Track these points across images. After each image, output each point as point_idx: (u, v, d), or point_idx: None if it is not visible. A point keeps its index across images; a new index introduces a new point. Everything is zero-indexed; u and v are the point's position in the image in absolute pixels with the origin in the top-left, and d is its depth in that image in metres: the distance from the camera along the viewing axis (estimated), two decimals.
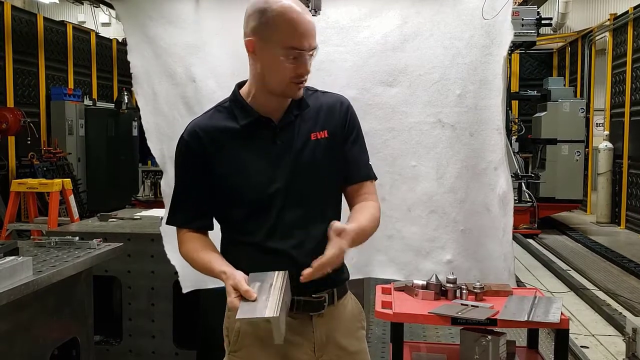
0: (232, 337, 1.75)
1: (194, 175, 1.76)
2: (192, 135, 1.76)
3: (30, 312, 2.51)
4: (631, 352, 3.34)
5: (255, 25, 1.68)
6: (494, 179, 3.03)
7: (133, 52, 3.15)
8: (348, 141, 1.84)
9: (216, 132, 1.75)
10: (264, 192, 1.71)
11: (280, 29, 1.64)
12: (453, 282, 2.66)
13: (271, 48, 1.66)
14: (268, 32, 1.66)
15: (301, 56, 1.66)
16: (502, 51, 2.96)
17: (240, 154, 1.73)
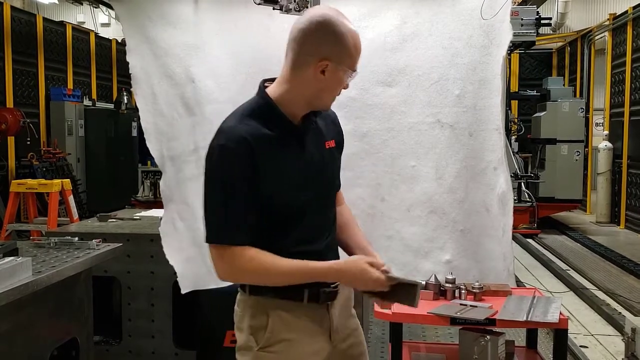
0: (262, 334, 1.78)
1: (246, 184, 1.69)
2: (241, 141, 1.69)
3: (29, 313, 2.51)
4: (630, 352, 3.35)
5: (331, 49, 1.72)
6: (494, 178, 3.03)
7: (132, 53, 3.15)
8: (340, 151, 1.98)
9: (259, 138, 1.72)
10: (299, 200, 1.77)
11: (351, 53, 1.74)
12: (452, 282, 2.66)
13: (341, 71, 1.74)
14: (343, 57, 1.73)
15: (352, 77, 1.78)
16: (501, 51, 2.97)
17: (277, 161, 1.74)
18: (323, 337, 1.84)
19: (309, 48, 1.72)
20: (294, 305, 1.78)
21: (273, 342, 1.78)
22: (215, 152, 1.71)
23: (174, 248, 3.14)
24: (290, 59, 1.76)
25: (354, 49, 1.74)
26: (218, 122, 3.13)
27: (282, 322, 1.78)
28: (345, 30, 1.73)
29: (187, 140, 3.15)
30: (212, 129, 3.10)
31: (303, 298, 1.77)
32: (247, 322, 1.81)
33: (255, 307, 1.79)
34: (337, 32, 1.72)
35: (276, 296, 1.76)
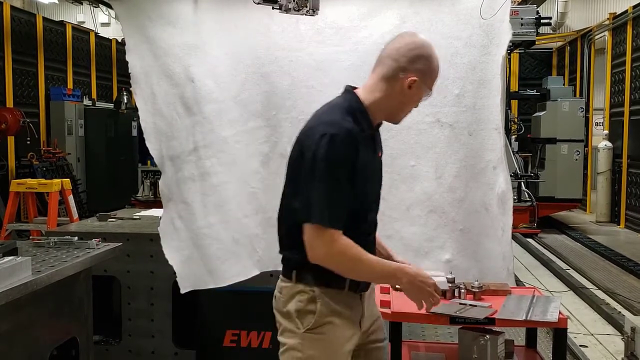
0: (310, 318, 1.95)
1: (348, 176, 1.87)
2: (349, 133, 1.87)
3: (29, 312, 2.51)
4: (630, 351, 3.35)
5: (422, 68, 1.99)
6: (493, 178, 3.04)
7: (132, 53, 3.16)
8: None
9: (359, 134, 1.92)
10: (372, 196, 2.05)
11: (434, 74, 2.03)
12: (451, 281, 2.66)
13: (425, 88, 2.01)
14: (429, 76, 2.01)
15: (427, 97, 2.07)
16: (501, 51, 2.97)
17: (366, 158, 1.95)
18: (356, 323, 2.03)
19: (403, 66, 1.97)
20: (336, 292, 1.96)
21: (318, 324, 1.95)
22: (327, 139, 1.85)
23: (173, 248, 3.14)
24: (383, 72, 2.00)
25: (437, 72, 2.04)
26: (218, 121, 3.18)
27: (327, 308, 1.96)
28: (435, 56, 2.02)
29: (187, 140, 3.15)
30: (212, 129, 3.17)
31: (344, 287, 1.97)
32: (293, 306, 1.97)
33: (302, 293, 1.96)
34: (429, 55, 2.00)
35: (322, 284, 1.95)
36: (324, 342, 1.95)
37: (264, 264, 3.23)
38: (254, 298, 3.44)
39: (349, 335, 2.00)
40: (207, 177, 3.13)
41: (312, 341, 1.95)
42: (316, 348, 1.95)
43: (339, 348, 1.97)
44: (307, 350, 1.95)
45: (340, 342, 1.97)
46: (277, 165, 3.20)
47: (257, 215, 3.20)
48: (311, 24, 3.12)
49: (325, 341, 1.95)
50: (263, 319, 3.43)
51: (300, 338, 1.96)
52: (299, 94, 3.16)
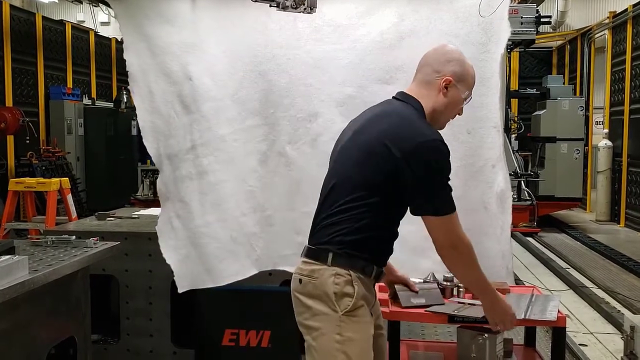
0: (349, 301, 2.03)
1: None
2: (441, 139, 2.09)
3: (26, 311, 2.50)
4: (629, 350, 3.33)
5: (457, 71, 2.18)
6: (492, 176, 3.02)
7: (129, 51, 3.15)
8: None
9: None
10: None
11: (471, 78, 2.23)
12: (450, 280, 2.65)
13: (463, 90, 2.20)
14: (463, 78, 2.19)
15: (467, 101, 2.25)
16: (499, 49, 2.96)
17: None
18: (370, 309, 2.13)
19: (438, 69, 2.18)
20: (364, 278, 2.08)
21: (355, 307, 2.03)
22: (438, 144, 2.05)
23: (171, 247, 3.13)
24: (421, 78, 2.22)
25: (472, 76, 2.23)
26: (215, 120, 3.17)
27: (362, 292, 2.06)
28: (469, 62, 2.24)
29: (184, 138, 3.14)
30: (210, 127, 3.16)
31: (372, 275, 2.10)
32: (331, 288, 2.03)
33: (339, 276, 2.04)
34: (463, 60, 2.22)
35: (356, 268, 2.05)
36: (361, 325, 2.04)
37: (262, 263, 3.22)
38: (253, 297, 3.44)
39: (371, 320, 2.11)
40: (205, 176, 3.12)
41: (350, 323, 2.02)
42: (354, 330, 2.02)
43: (370, 331, 2.08)
44: (346, 332, 2.01)
45: (370, 325, 2.09)
46: (275, 163, 3.19)
47: (255, 214, 3.19)
48: (309, 22, 3.11)
49: (361, 323, 2.04)
50: (262, 318, 3.45)
51: (339, 321, 2.01)
52: (297, 92, 3.15)
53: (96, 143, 11.44)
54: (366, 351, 2.05)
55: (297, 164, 3.15)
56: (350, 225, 2.05)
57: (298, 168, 3.14)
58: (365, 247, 2.07)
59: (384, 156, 2.03)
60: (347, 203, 2.06)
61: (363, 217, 2.05)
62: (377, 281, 2.19)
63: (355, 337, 2.02)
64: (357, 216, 2.05)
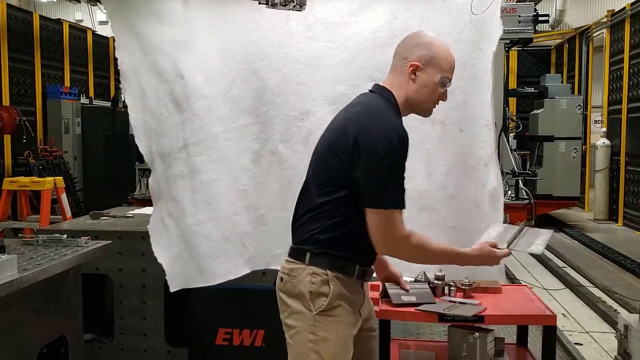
0: (323, 300, 2.00)
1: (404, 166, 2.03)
2: (406, 136, 2.04)
3: (16, 310, 2.49)
4: (623, 349, 3.32)
5: (424, 54, 2.10)
6: (484, 175, 3.02)
7: (121, 49, 3.13)
8: None
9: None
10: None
11: (442, 60, 2.11)
12: (441, 279, 2.65)
13: (434, 73, 2.10)
14: (433, 61, 2.10)
15: (447, 84, 2.14)
16: (492, 47, 2.95)
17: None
18: (357, 310, 2.10)
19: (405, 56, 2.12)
20: (345, 278, 2.04)
21: (331, 307, 2.01)
22: (391, 135, 1.98)
23: (163, 246, 3.12)
24: (393, 66, 2.17)
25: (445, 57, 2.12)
26: (207, 118, 3.16)
27: (339, 291, 2.02)
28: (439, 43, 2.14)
29: (176, 137, 3.13)
30: (202, 125, 3.14)
31: (354, 274, 2.05)
32: (306, 288, 2.01)
33: (315, 275, 2.02)
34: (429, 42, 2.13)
35: (334, 268, 2.02)
36: (336, 325, 2.01)
37: (254, 262, 3.22)
38: (247, 296, 3.43)
39: (354, 321, 2.07)
40: (197, 175, 3.11)
41: (325, 323, 2.00)
42: (328, 330, 2.00)
43: (347, 331, 2.04)
44: (319, 332, 2.00)
45: (348, 325, 2.04)
46: (267, 162, 3.18)
47: (248, 213, 3.18)
48: (301, 20, 3.10)
49: (337, 323, 2.01)
50: (255, 317, 3.44)
51: (313, 320, 2.00)
52: (289, 91, 3.14)
53: (94, 142, 11.42)
54: (341, 352, 2.02)
55: (290, 163, 3.14)
56: (323, 223, 2.03)
57: (291, 166, 3.13)
58: (343, 245, 2.03)
59: (343, 146, 2.00)
60: (318, 199, 2.04)
61: (335, 213, 2.01)
62: (363, 281, 2.13)
63: (330, 337, 2.00)
64: (330, 213, 2.02)
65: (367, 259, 2.13)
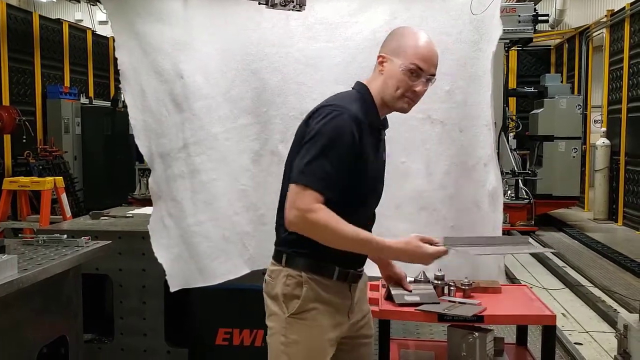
0: (295, 302, 1.97)
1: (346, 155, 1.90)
2: (357, 124, 1.92)
3: (16, 311, 2.49)
4: (622, 349, 3.33)
5: (392, 44, 2.03)
6: (484, 175, 3.02)
7: (121, 49, 3.14)
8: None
9: (365, 125, 1.96)
10: (371, 190, 2.06)
11: (410, 48, 1.99)
12: (441, 278, 2.65)
13: (399, 63, 1.97)
14: (399, 50, 2.00)
15: (419, 76, 1.99)
16: (491, 47, 2.95)
17: (371, 150, 2.00)
18: (344, 313, 2.04)
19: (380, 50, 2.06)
20: (324, 280, 1.98)
21: (303, 310, 1.97)
22: (331, 114, 1.92)
23: (163, 246, 3.13)
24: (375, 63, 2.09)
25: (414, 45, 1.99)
26: (207, 118, 3.16)
27: (313, 293, 1.97)
28: (410, 30, 2.05)
29: (176, 137, 3.13)
30: (202, 125, 3.15)
31: (333, 276, 1.99)
32: (280, 290, 1.99)
33: (290, 278, 1.98)
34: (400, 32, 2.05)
35: (310, 270, 1.97)
36: (307, 328, 1.97)
37: (255, 262, 3.22)
38: (247, 296, 3.43)
39: (334, 323, 2.00)
40: (197, 175, 3.11)
41: (295, 326, 1.97)
42: (299, 333, 1.97)
43: (321, 335, 1.98)
44: (290, 334, 1.97)
45: (323, 329, 1.98)
46: (267, 162, 3.19)
47: (248, 213, 3.18)
48: (301, 20, 3.10)
49: (308, 327, 1.97)
50: (255, 317, 3.42)
51: (285, 322, 1.98)
52: (289, 91, 3.14)
53: (93, 142, 11.43)
54: (313, 356, 1.98)
55: None
56: None
57: None
58: (312, 245, 1.91)
59: (302, 134, 1.96)
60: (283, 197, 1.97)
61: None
62: (350, 283, 2.04)
63: (300, 340, 1.97)
64: None
65: (347, 259, 2.00)
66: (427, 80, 2.00)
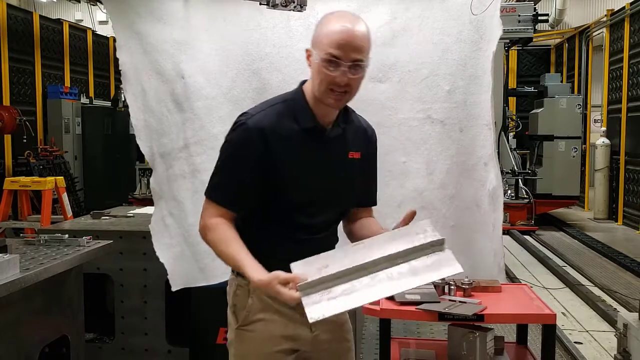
0: (243, 313, 1.88)
1: (248, 165, 1.80)
2: (259, 131, 1.79)
3: (18, 310, 2.50)
4: (622, 348, 3.34)
5: (312, 37, 1.84)
6: (484, 174, 3.03)
7: (122, 49, 3.14)
8: (370, 168, 2.05)
9: (281, 131, 1.81)
10: (308, 196, 1.87)
11: (323, 37, 1.77)
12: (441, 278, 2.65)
13: (317, 54, 1.78)
14: (316, 40, 1.81)
15: (338, 66, 1.75)
16: (492, 46, 2.96)
17: (296, 156, 1.83)
18: (301, 325, 1.87)
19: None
20: None
21: (250, 321, 1.87)
22: (237, 127, 1.84)
23: (165, 245, 3.13)
24: None
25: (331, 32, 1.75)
26: (208, 118, 3.17)
27: (261, 303, 1.86)
28: (328, 17, 1.80)
29: (177, 136, 3.14)
30: (203, 125, 3.16)
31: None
32: (231, 300, 1.92)
33: (239, 287, 1.90)
34: (320, 20, 1.83)
35: None
36: (254, 340, 1.86)
37: None
38: None
39: (286, 335, 1.87)
40: (198, 174, 3.11)
41: (245, 338, 1.88)
42: (248, 345, 1.88)
43: (271, 347, 1.86)
44: (239, 346, 1.89)
45: (272, 340, 1.86)
46: None
47: None
48: (302, 20, 3.11)
49: (255, 339, 1.86)
50: None
51: (235, 334, 1.91)
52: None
53: (94, 142, 11.44)
54: None
55: None
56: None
57: None
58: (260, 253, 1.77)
59: None
60: None
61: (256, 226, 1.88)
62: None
63: (248, 353, 1.87)
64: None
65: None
66: (350, 67, 1.75)
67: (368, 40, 1.81)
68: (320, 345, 1.93)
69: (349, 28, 1.76)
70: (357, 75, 1.79)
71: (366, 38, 1.80)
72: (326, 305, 1.59)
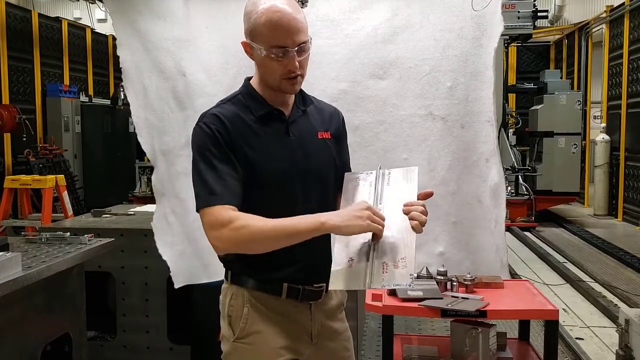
0: (238, 325, 1.79)
1: (227, 156, 1.73)
2: (217, 120, 1.75)
3: (20, 308, 2.50)
4: (624, 343, 3.34)
5: (246, 28, 1.76)
6: (486, 170, 3.02)
7: (123, 47, 3.14)
8: (343, 146, 2.00)
9: (237, 120, 1.77)
10: (283, 182, 1.78)
11: (262, 29, 1.71)
12: (444, 274, 2.66)
13: (259, 49, 1.73)
14: (255, 34, 1.73)
15: (287, 53, 1.71)
16: (493, 43, 2.95)
17: (260, 142, 1.77)
18: (301, 335, 1.83)
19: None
20: (273, 299, 1.79)
21: (247, 334, 1.79)
22: (195, 131, 1.79)
23: (167, 243, 3.13)
24: None
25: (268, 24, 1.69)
26: None
27: (258, 314, 1.79)
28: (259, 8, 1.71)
29: (179, 134, 3.13)
30: None
31: (282, 293, 1.78)
32: (227, 311, 1.82)
33: (235, 297, 1.81)
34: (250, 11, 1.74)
35: (255, 287, 1.79)
36: (252, 353, 1.78)
37: None
38: None
39: (284, 346, 1.79)
40: None
41: (241, 351, 1.79)
42: (244, 359, 1.79)
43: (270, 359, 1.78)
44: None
45: (270, 354, 1.77)
46: None
47: None
48: None
49: (253, 352, 1.78)
50: None
51: (232, 347, 1.80)
52: None
53: (93, 140, 11.43)
54: None
55: None
56: None
57: None
58: (257, 260, 1.71)
59: None
60: None
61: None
62: (307, 300, 1.82)
63: None
64: None
65: (295, 273, 1.79)
66: (297, 51, 1.72)
67: (304, 17, 1.76)
68: (320, 354, 1.88)
69: (284, 14, 1.69)
70: (305, 55, 1.77)
71: (302, 16, 1.75)
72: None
